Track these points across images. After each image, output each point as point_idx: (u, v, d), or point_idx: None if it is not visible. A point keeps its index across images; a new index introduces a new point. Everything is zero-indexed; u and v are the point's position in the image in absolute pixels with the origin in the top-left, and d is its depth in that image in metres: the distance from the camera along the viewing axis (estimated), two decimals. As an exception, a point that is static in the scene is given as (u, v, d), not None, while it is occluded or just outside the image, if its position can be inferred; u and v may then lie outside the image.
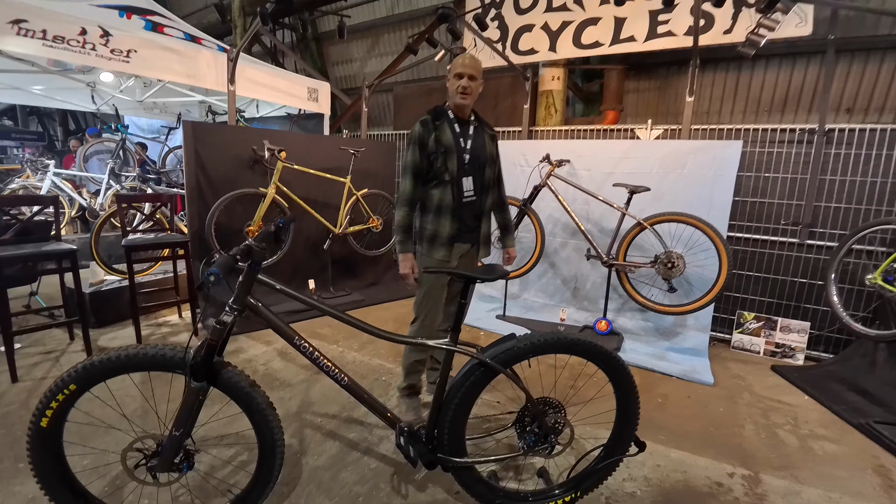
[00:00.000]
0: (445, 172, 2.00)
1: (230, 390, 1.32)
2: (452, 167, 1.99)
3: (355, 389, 1.43)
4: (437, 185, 2.02)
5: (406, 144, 1.98)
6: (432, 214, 2.04)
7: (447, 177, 2.00)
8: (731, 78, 5.96)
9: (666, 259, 3.00)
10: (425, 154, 1.99)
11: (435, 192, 2.03)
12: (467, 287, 1.41)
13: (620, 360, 1.53)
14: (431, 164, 1.99)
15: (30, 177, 5.26)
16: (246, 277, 1.31)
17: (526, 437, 1.52)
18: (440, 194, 2.02)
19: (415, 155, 1.99)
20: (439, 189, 2.02)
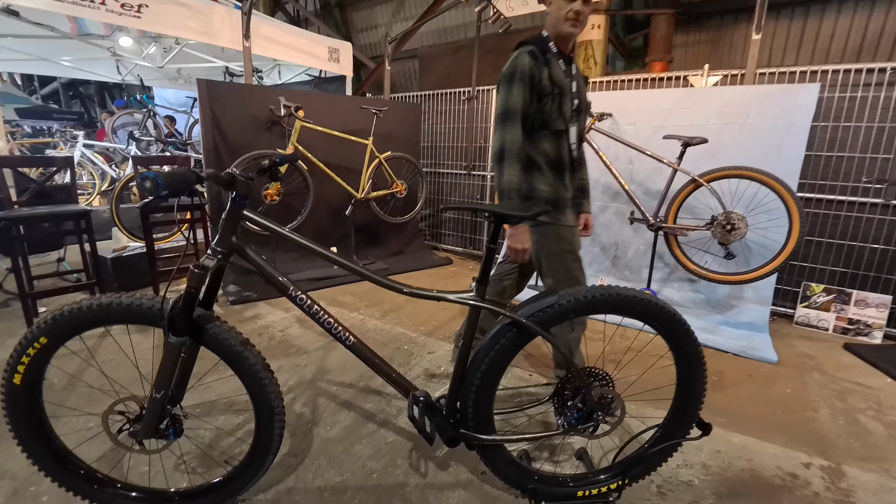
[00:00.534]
0: (559, 119, 1.62)
1: (217, 348, 1.14)
2: (567, 112, 1.63)
3: (362, 351, 1.23)
4: (547, 135, 1.65)
5: (505, 81, 1.60)
6: (545, 173, 1.69)
7: (561, 124, 1.63)
8: (796, 26, 5.26)
9: (725, 220, 2.63)
10: (535, 94, 1.59)
11: (546, 144, 1.66)
12: (497, 229, 1.15)
13: (686, 324, 1.25)
14: (542, 107, 1.61)
15: (63, 149, 5.33)
16: (229, 214, 1.11)
17: (566, 414, 1.28)
18: (552, 147, 1.66)
19: (523, 93, 1.57)
20: (550, 141, 1.66)
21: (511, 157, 1.60)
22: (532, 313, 1.16)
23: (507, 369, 1.21)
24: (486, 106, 4.23)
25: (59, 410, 1.75)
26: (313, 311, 1.17)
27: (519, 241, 1.62)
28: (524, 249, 1.63)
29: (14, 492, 1.42)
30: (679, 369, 1.32)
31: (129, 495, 1.28)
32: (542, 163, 1.68)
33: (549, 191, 1.70)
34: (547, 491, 1.37)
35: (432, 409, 1.26)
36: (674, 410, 1.38)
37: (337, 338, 1.20)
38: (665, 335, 1.27)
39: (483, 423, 1.25)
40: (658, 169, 3.18)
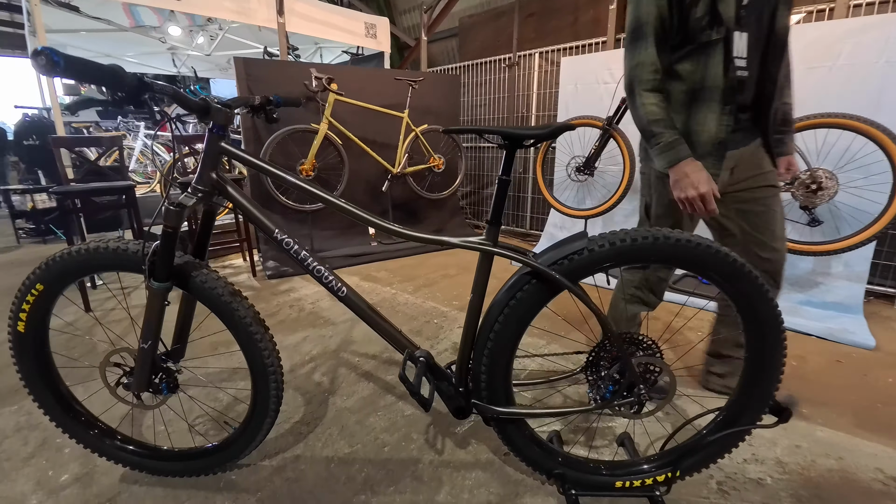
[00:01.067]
0: (712, 27, 1.16)
1: (204, 297, 1.06)
2: (728, 14, 1.16)
3: (356, 303, 1.09)
4: (690, 53, 1.22)
5: None
6: (686, 102, 1.26)
7: (714, 34, 1.17)
8: None
9: (810, 179, 2.22)
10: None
11: (687, 65, 1.23)
12: (511, 156, 0.95)
13: (758, 277, 0.99)
14: (685, 16, 1.18)
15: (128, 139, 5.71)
16: (207, 147, 1.01)
17: (600, 387, 1.07)
18: (698, 68, 1.22)
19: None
20: (695, 60, 1.22)
21: (642, 84, 1.23)
22: (556, 260, 0.96)
23: (527, 327, 1.01)
24: (527, 72, 3.95)
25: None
26: (301, 256, 1.05)
27: (691, 185, 1.18)
28: (701, 195, 1.18)
29: (43, 442, 1.46)
30: (749, 337, 1.06)
31: (125, 447, 1.25)
32: (676, 91, 1.26)
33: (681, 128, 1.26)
34: (577, 477, 1.17)
35: (436, 372, 1.10)
36: (741, 390, 1.12)
37: (328, 287, 1.07)
38: (730, 292, 1.02)
39: (498, 393, 1.07)
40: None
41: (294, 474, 1.31)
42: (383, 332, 1.12)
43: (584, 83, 3.38)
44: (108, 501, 1.23)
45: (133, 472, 1.31)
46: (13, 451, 1.43)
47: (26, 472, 1.34)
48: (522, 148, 0.97)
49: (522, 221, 4.33)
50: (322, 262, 1.07)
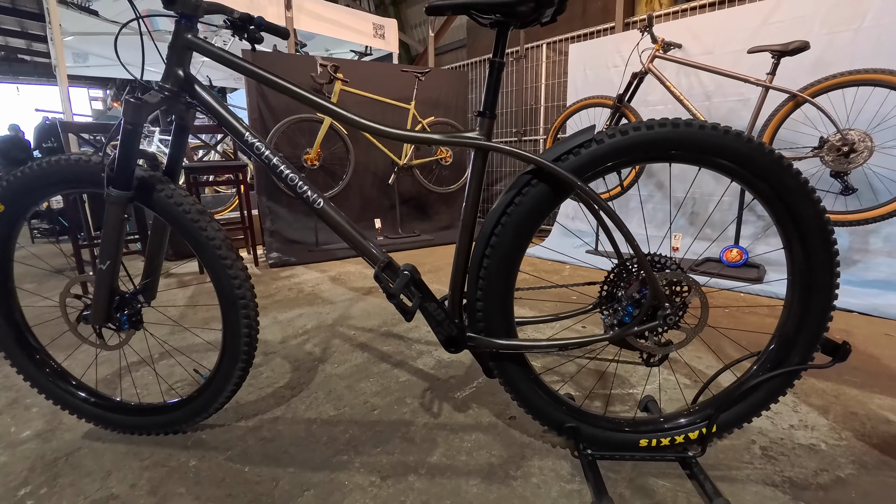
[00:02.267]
0: None
1: (168, 214, 0.95)
2: None
3: (332, 215, 0.96)
4: None
5: None
6: None
7: None
8: None
9: (840, 142, 2.04)
10: None
11: None
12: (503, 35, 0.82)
13: (800, 175, 0.84)
14: None
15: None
16: (174, 39, 0.92)
17: (618, 311, 0.91)
18: None
19: None
20: None
21: None
22: (558, 155, 0.83)
23: (531, 238, 0.87)
24: (535, 64, 3.89)
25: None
26: (272, 163, 0.94)
27: None
28: None
29: (13, 401, 1.36)
30: (791, 251, 0.90)
31: (76, 394, 1.12)
32: None
33: None
34: (593, 434, 1.00)
35: (422, 290, 0.96)
36: (784, 325, 0.95)
37: (302, 198, 0.95)
38: (766, 196, 0.86)
39: (497, 323, 0.92)
40: (744, 101, 2.64)
41: (270, 434, 1.16)
42: (359, 246, 0.98)
43: (594, 67, 3.29)
44: (66, 456, 1.10)
45: (97, 429, 1.19)
46: (-22, 411, 1.33)
47: (-13, 429, 1.23)
48: (517, 25, 0.83)
49: (533, 217, 4.18)
50: (296, 172, 0.95)
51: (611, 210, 0.83)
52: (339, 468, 1.02)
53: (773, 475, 0.99)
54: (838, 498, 0.93)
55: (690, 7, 2.99)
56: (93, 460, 1.09)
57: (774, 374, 0.94)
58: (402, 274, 0.94)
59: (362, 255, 1.00)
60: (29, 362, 1.12)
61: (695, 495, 0.93)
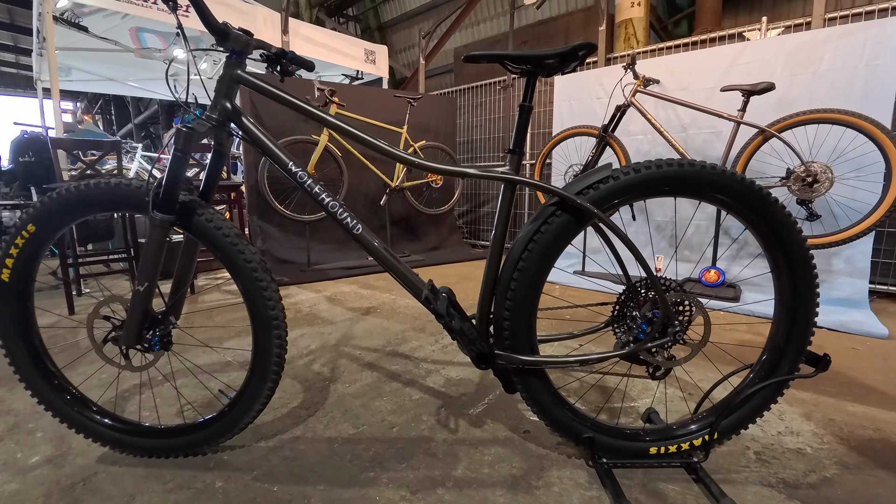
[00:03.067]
0: None
1: (208, 238, 0.99)
2: None
3: (370, 241, 1.03)
4: None
5: None
6: None
7: None
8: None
9: (805, 173, 2.26)
10: None
11: None
12: (531, 83, 0.92)
13: (784, 208, 0.96)
14: None
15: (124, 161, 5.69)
16: (224, 72, 0.98)
17: (632, 329, 1.00)
18: None
19: None
20: None
21: None
22: (580, 189, 0.93)
23: (553, 264, 0.96)
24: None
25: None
26: (314, 191, 1.00)
27: None
28: None
29: (14, 426, 1.33)
30: (779, 279, 1.02)
31: (98, 419, 1.12)
32: None
33: None
34: (608, 443, 1.08)
35: (458, 311, 1.02)
36: (773, 339, 1.07)
37: (343, 224, 1.01)
38: (756, 226, 0.98)
39: (522, 341, 1.00)
40: (717, 134, 2.87)
41: (293, 453, 1.18)
42: (398, 273, 1.05)
43: (579, 99, 3.50)
44: (83, 481, 1.09)
45: (111, 453, 1.18)
46: (-23, 437, 1.29)
47: (-9, 456, 1.20)
48: (544, 74, 0.95)
49: (520, 238, 4.32)
50: (336, 199, 1.02)
51: (627, 238, 0.93)
52: (368, 484, 1.06)
53: (769, 477, 1.09)
54: (827, 495, 1.03)
55: (667, 46, 3.25)
56: (112, 484, 1.09)
57: (769, 382, 1.04)
58: (442, 297, 1.01)
59: (401, 281, 1.06)
60: (48, 387, 1.11)
61: (702, 497, 1.01)
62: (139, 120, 13.18)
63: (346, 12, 8.18)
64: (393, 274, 1.05)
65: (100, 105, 13.57)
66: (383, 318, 2.34)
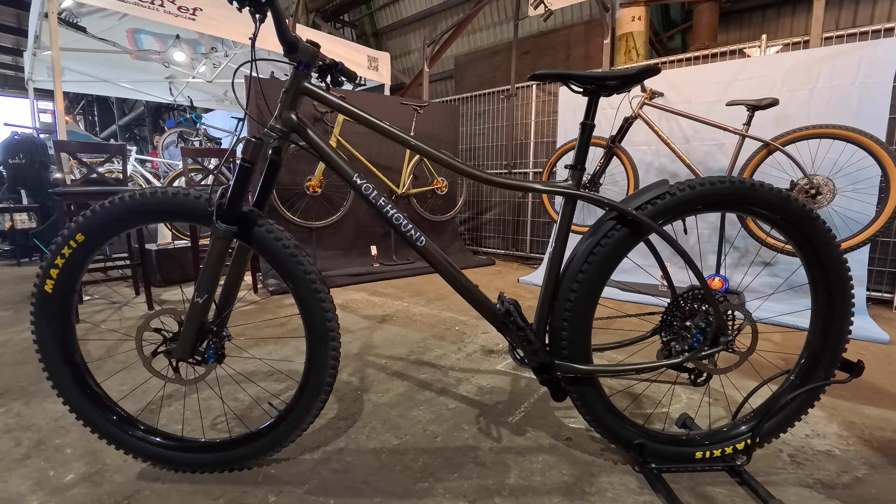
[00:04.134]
0: None
1: (268, 250, 0.99)
2: None
3: (433, 254, 1.04)
4: None
5: None
6: None
7: None
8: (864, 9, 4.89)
9: (808, 185, 2.36)
10: None
11: None
12: (593, 103, 0.96)
13: (827, 228, 1.02)
14: None
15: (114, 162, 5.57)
16: (291, 85, 0.99)
17: (686, 338, 1.04)
18: None
19: None
20: None
21: None
22: (640, 205, 0.96)
23: (609, 276, 0.99)
24: (525, 102, 4.16)
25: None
26: (379, 203, 1.01)
27: None
28: None
29: (38, 442, 1.29)
30: (816, 288, 1.07)
31: (148, 438, 1.10)
32: None
33: None
34: (656, 449, 1.11)
35: (525, 321, 1.04)
36: (810, 347, 1.12)
37: (406, 236, 1.02)
38: (797, 241, 1.04)
39: (579, 350, 1.03)
40: (719, 146, 2.97)
41: (341, 465, 1.18)
42: (463, 289, 1.05)
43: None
44: (126, 500, 1.07)
45: (150, 469, 1.16)
46: (4, 452, 1.24)
47: (21, 473, 1.16)
48: (606, 94, 0.99)
49: (522, 245, 4.37)
50: (401, 212, 1.03)
51: (684, 251, 0.97)
52: (424, 495, 1.06)
53: (806, 478, 1.13)
54: (861, 493, 1.08)
55: (669, 60, 3.36)
56: (159, 502, 1.07)
57: (808, 388, 1.09)
58: (513, 307, 1.02)
59: (470, 300, 1.06)
60: (92, 408, 1.08)
61: (749, 499, 1.05)
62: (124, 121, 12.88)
63: (342, 18, 8.18)
64: (460, 291, 1.06)
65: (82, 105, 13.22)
66: (400, 326, 2.34)
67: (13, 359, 1.91)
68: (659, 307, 1.09)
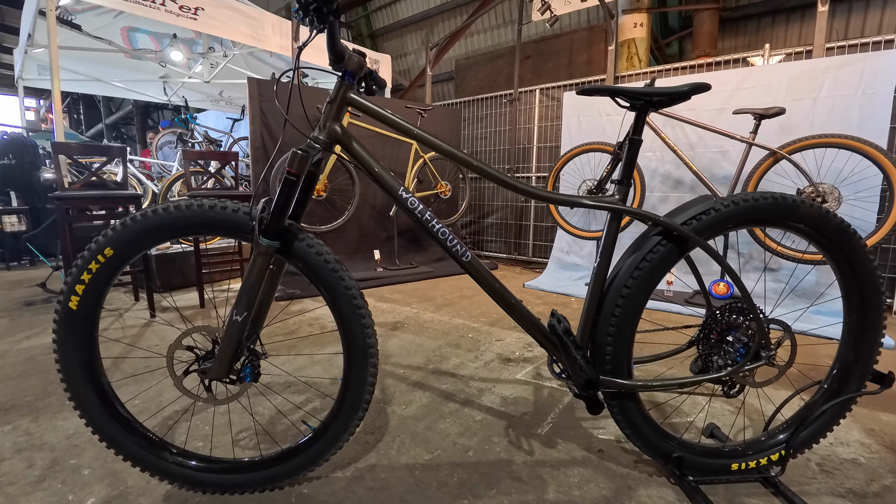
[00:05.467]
0: None
1: (310, 264, 0.97)
2: None
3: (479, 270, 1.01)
4: None
5: None
6: None
7: None
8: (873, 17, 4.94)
9: (814, 193, 2.40)
10: None
11: None
12: (641, 118, 0.97)
13: (862, 241, 1.03)
14: None
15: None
16: (335, 94, 0.97)
17: (730, 352, 1.04)
18: None
19: None
20: None
21: None
22: (685, 220, 0.97)
23: (652, 291, 0.99)
24: (528, 107, 4.17)
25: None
26: (424, 218, 1.00)
27: None
28: None
29: (53, 463, 1.24)
30: (850, 303, 1.09)
31: (185, 462, 1.06)
32: None
33: None
34: (694, 461, 1.11)
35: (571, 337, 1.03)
36: (842, 357, 1.13)
37: (452, 251, 1.01)
38: (834, 255, 1.05)
39: (622, 365, 1.02)
40: (723, 153, 3.01)
41: (376, 483, 1.16)
42: (507, 305, 1.04)
43: (587, 115, 3.60)
44: (157, 523, 1.03)
45: (176, 490, 1.12)
46: (17, 475, 1.20)
47: (39, 497, 1.11)
48: (654, 109, 0.99)
49: (525, 249, 4.38)
50: (446, 226, 1.01)
51: (729, 266, 0.97)
52: (465, 512, 1.05)
53: (837, 487, 1.15)
54: (893, 502, 1.10)
55: (674, 68, 3.39)
56: (192, 523, 1.04)
57: (841, 399, 1.11)
58: (564, 325, 1.01)
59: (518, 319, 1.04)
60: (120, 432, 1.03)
61: (788, 513, 1.06)
62: (111, 120, 12.61)
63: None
64: (504, 307, 1.04)
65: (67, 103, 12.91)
66: (413, 333, 2.32)
67: (15, 371, 1.84)
68: (694, 317, 1.09)
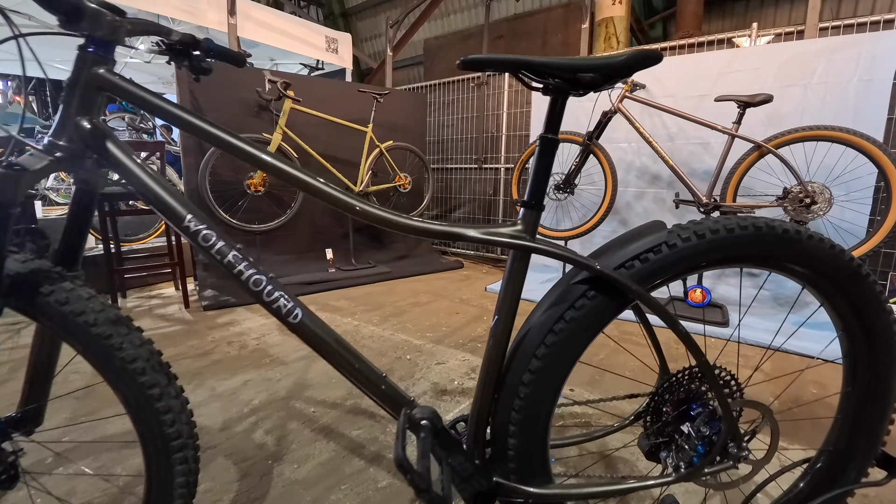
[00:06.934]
0: None
1: (64, 325, 0.65)
2: None
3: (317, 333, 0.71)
4: None
5: None
6: None
7: None
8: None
9: (803, 194, 2.12)
10: None
11: None
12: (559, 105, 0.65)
13: (877, 286, 0.74)
14: None
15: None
16: (76, 73, 0.63)
17: (682, 446, 0.74)
18: None
19: None
20: None
21: None
22: (623, 262, 0.66)
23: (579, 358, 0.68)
24: (496, 92, 3.81)
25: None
26: (227, 260, 0.67)
27: None
28: None
29: None
30: (854, 367, 0.81)
31: None
32: None
33: None
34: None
35: (444, 440, 0.72)
36: (839, 433, 0.85)
37: (273, 310, 0.69)
38: (836, 305, 0.76)
39: (534, 464, 0.72)
40: (705, 146, 2.71)
41: None
42: (360, 378, 0.73)
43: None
44: None
45: None
46: None
47: None
48: (577, 92, 0.68)
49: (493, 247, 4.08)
50: (264, 272, 0.69)
51: (687, 333, 0.67)
52: None
53: None
54: None
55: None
56: None
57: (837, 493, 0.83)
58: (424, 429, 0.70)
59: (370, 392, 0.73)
60: None
61: None
62: (73, 103, 11.89)
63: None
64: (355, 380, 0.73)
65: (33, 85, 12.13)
66: (345, 354, 2.01)
67: None
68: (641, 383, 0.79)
